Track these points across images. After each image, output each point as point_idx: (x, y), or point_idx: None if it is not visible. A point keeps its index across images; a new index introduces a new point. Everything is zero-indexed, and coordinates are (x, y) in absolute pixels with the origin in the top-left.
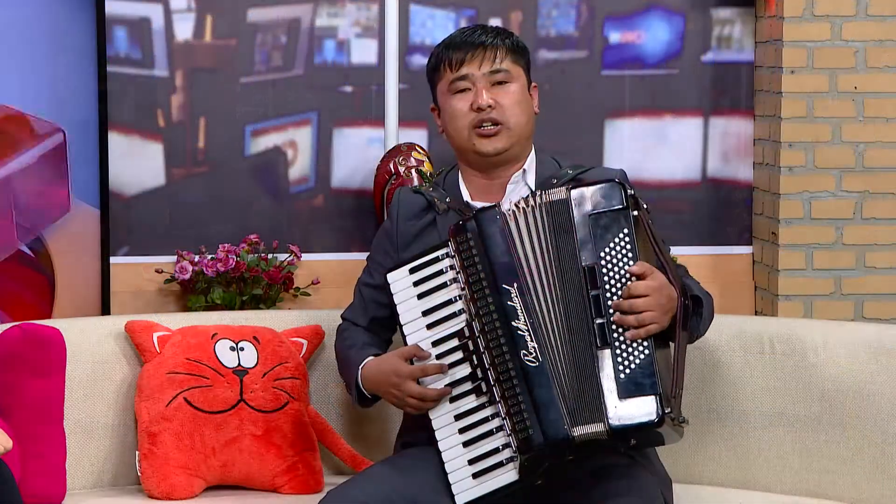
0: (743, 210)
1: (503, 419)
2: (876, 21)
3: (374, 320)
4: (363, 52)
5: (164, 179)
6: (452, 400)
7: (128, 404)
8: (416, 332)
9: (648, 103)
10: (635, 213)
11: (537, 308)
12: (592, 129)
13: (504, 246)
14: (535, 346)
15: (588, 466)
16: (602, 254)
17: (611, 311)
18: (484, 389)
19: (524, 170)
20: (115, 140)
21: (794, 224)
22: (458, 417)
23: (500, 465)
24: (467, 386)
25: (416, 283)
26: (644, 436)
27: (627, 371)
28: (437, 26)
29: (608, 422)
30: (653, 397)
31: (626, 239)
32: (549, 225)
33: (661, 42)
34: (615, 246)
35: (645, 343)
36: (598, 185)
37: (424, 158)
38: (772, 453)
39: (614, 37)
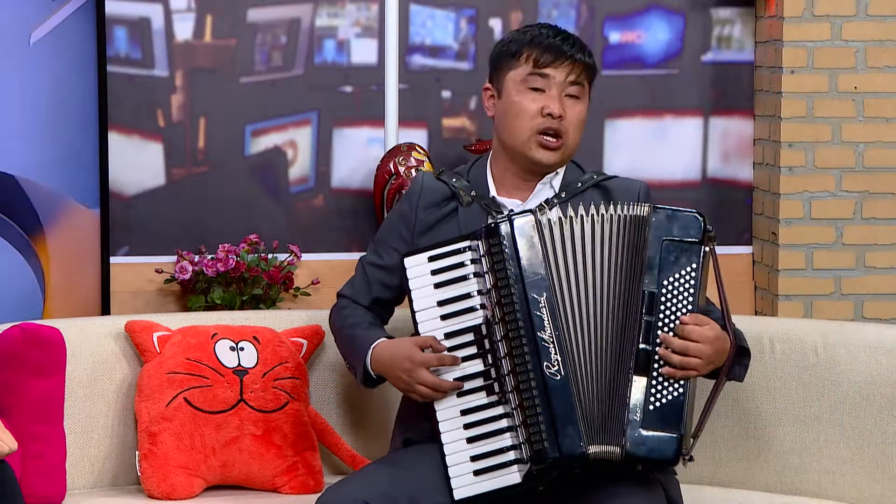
0: (743, 210)
1: (518, 426)
2: (876, 21)
3: (377, 301)
4: (363, 52)
5: (164, 179)
6: (461, 395)
7: (128, 404)
8: (429, 320)
9: (648, 103)
10: (706, 248)
11: (566, 321)
12: (592, 129)
13: (538, 254)
14: (559, 359)
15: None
16: (665, 282)
17: (658, 341)
18: (496, 389)
19: (555, 172)
20: (115, 140)
21: (794, 224)
22: (464, 412)
23: (503, 465)
24: (478, 382)
25: (434, 272)
26: (654, 465)
27: (658, 404)
28: (437, 26)
29: (625, 446)
30: (676, 437)
31: (692, 274)
32: (618, 238)
33: (661, 42)
34: (679, 279)
35: (682, 381)
36: (681, 213)
37: (424, 158)
38: (771, 453)
39: (614, 37)
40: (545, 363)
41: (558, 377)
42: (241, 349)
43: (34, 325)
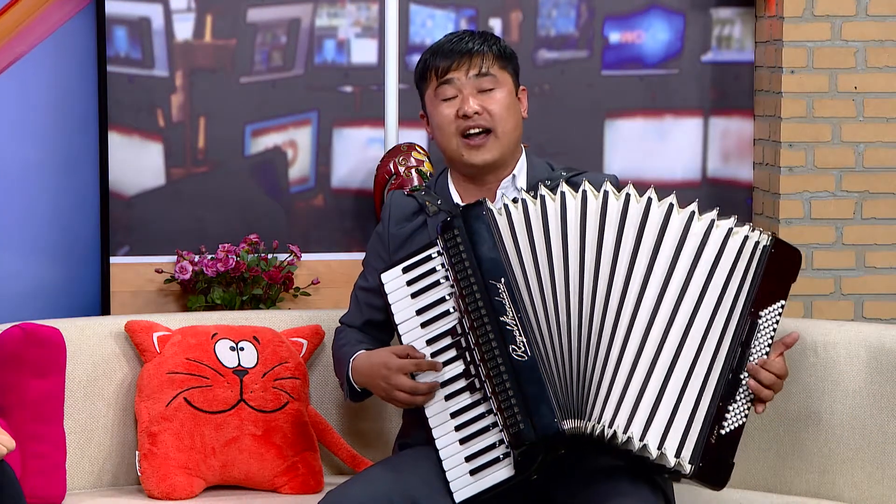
0: (743, 210)
1: (496, 414)
2: (876, 21)
3: (369, 323)
4: (363, 52)
5: (164, 179)
6: (448, 398)
7: (128, 404)
8: (410, 331)
9: (648, 103)
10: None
11: (530, 302)
12: (592, 129)
13: (491, 241)
14: (524, 340)
15: (589, 466)
16: (762, 312)
17: (745, 371)
18: (477, 386)
19: (514, 175)
20: (115, 140)
21: (794, 224)
22: (453, 415)
23: (496, 461)
24: (461, 383)
25: (409, 283)
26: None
27: (729, 429)
28: (437, 26)
29: (696, 462)
30: (733, 464)
31: (780, 311)
32: (748, 263)
33: (661, 42)
34: (772, 312)
35: (748, 411)
36: (793, 249)
37: (424, 158)
38: (771, 453)
39: (614, 37)
40: (511, 346)
41: (525, 358)
42: (241, 349)
43: (34, 325)
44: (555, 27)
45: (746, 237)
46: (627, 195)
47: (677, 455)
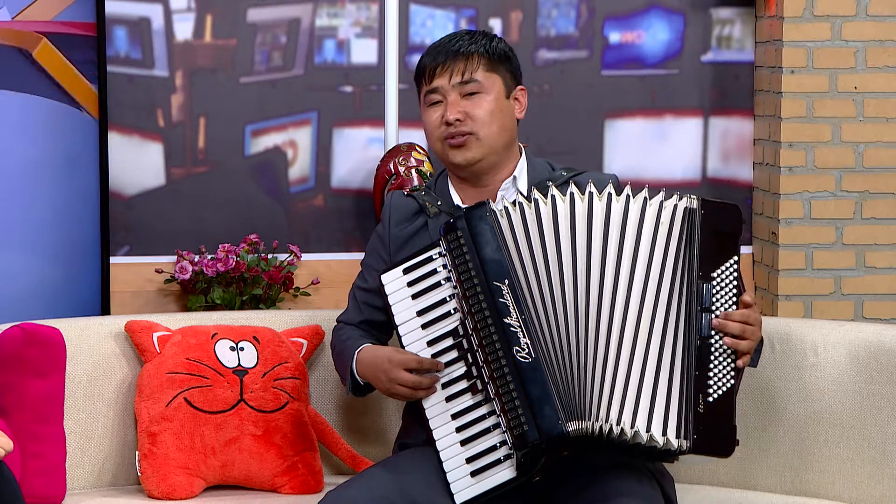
0: (743, 210)
1: (499, 416)
2: (876, 21)
3: (368, 322)
4: (363, 52)
5: (164, 179)
6: (449, 399)
7: (128, 404)
8: (411, 332)
9: (648, 103)
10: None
11: (533, 304)
12: (592, 129)
13: (494, 243)
14: (528, 342)
15: (590, 466)
16: (714, 274)
17: (713, 332)
18: (479, 387)
19: (514, 177)
20: (115, 140)
21: (794, 224)
22: (454, 416)
23: (497, 462)
24: (463, 384)
25: (410, 284)
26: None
27: (717, 395)
28: (437, 26)
29: (693, 439)
30: (734, 426)
31: (735, 266)
32: (669, 231)
33: (661, 42)
34: (726, 270)
35: (735, 371)
36: (727, 205)
37: (424, 158)
38: (771, 453)
39: (614, 37)
40: (515, 348)
41: (529, 360)
42: (241, 349)
43: (34, 325)
44: (555, 27)
45: (663, 204)
46: (609, 195)
47: (678, 436)
